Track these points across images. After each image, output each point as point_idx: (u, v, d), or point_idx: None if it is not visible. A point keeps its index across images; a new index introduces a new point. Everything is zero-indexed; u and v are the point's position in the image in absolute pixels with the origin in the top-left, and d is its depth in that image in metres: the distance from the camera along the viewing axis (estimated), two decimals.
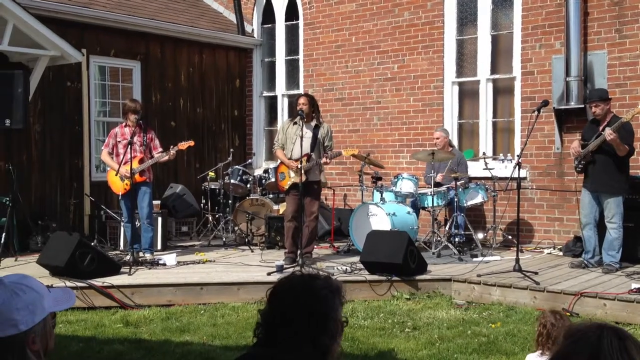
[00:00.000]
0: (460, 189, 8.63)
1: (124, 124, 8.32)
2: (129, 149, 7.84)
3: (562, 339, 1.79)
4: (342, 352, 5.30)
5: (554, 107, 8.88)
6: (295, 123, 7.94)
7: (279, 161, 8.22)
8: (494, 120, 9.94)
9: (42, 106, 9.70)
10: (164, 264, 7.97)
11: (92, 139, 10.32)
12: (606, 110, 7.31)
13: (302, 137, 7.61)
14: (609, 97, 7.47)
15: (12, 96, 8.54)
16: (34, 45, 8.86)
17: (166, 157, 8.26)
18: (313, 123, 7.90)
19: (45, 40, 8.84)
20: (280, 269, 7.44)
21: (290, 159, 7.89)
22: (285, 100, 12.07)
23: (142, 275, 7.40)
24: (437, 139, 9.20)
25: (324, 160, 7.80)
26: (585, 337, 1.71)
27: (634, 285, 6.28)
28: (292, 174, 7.87)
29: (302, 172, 7.62)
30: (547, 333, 3.35)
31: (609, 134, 6.98)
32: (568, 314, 6.16)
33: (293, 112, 8.22)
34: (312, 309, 1.96)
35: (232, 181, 10.01)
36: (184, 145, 8.40)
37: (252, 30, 12.30)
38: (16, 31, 8.57)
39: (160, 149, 8.32)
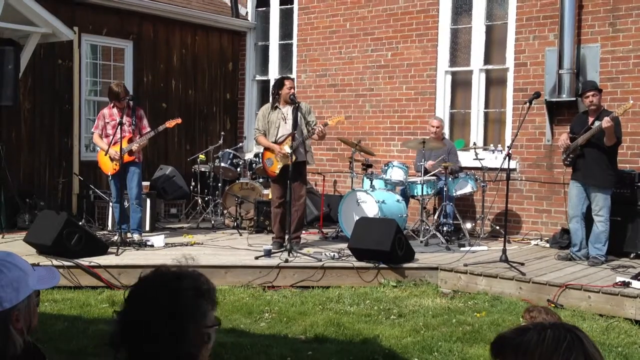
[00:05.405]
0: (450, 179, 8.65)
1: (111, 104, 8.27)
2: (118, 130, 7.81)
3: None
4: (325, 338, 5.35)
5: (545, 99, 8.89)
6: (276, 107, 7.94)
7: (263, 148, 8.19)
8: (485, 110, 9.95)
9: (32, 83, 9.63)
10: (152, 245, 7.96)
11: (83, 118, 10.26)
12: (599, 102, 7.31)
13: (285, 119, 7.64)
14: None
15: (2, 73, 8.47)
16: (25, 22, 8.78)
17: (145, 142, 8.24)
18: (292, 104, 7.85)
19: (37, 17, 8.76)
20: (268, 253, 7.45)
21: (275, 142, 7.88)
22: None
23: (130, 256, 7.39)
24: (438, 127, 9.10)
25: (316, 133, 7.72)
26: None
27: (619, 279, 6.32)
28: (279, 158, 7.86)
29: (292, 153, 7.58)
30: None
31: (606, 121, 6.93)
32: (552, 305, 6.21)
33: (273, 97, 8.12)
34: (170, 313, 1.69)
35: (223, 164, 9.99)
36: (171, 123, 8.39)
37: (247, 13, 12.23)
38: (7, 7, 8.49)
39: (148, 129, 8.29)
